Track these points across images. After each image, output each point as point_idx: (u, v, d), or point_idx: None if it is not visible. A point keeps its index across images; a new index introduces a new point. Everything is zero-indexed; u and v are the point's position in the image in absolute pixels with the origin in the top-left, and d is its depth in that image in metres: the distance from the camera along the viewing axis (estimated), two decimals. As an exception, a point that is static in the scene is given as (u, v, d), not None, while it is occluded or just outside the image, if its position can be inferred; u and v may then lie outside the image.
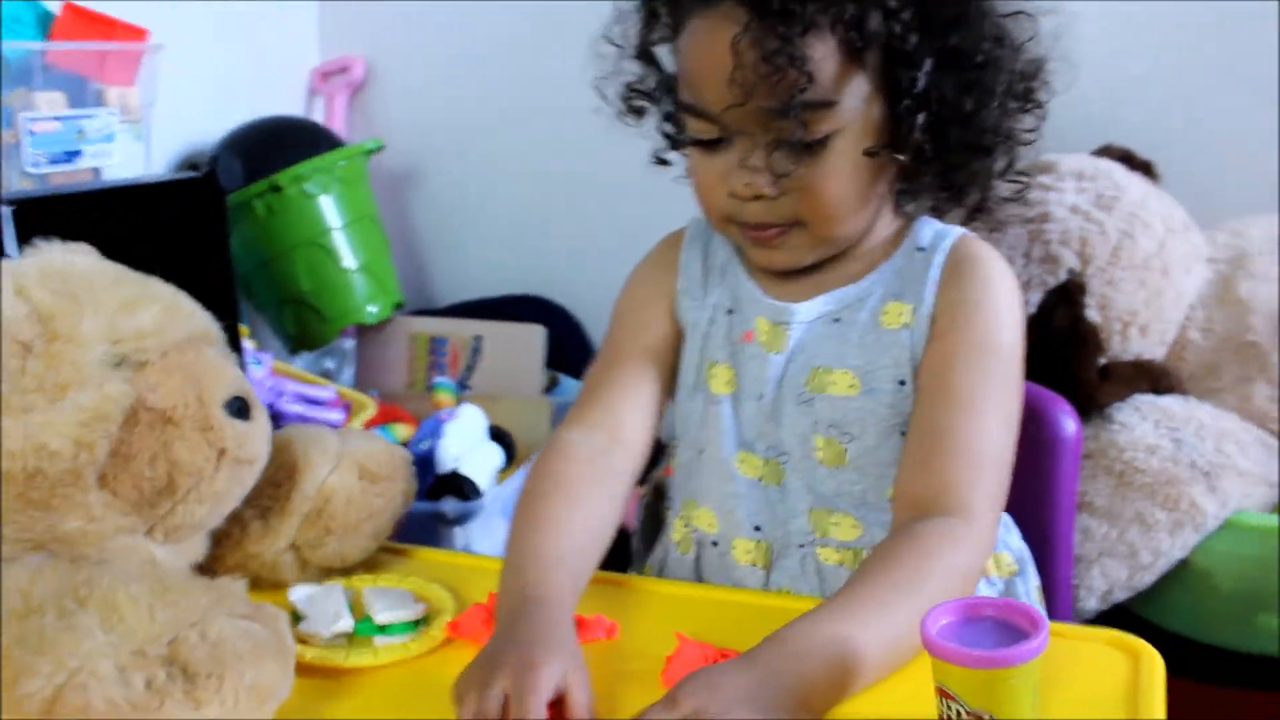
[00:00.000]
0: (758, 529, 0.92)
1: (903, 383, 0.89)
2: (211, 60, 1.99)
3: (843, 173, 0.86)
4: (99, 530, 0.79)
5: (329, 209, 1.99)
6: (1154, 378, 1.46)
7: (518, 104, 2.25)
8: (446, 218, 2.35)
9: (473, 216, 2.32)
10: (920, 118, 0.85)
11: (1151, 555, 1.38)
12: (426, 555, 0.99)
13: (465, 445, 1.63)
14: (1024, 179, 0.93)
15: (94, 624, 0.67)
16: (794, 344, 0.92)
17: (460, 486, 1.55)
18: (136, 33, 1.44)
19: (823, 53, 0.82)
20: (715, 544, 0.94)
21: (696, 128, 0.89)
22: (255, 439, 0.84)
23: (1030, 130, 0.91)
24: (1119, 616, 1.44)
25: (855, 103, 0.85)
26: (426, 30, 2.30)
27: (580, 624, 0.82)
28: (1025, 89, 0.89)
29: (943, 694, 0.66)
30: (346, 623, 0.82)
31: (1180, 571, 1.43)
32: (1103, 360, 1.47)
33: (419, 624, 0.84)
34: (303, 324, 2.00)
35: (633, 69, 0.96)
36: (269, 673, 0.69)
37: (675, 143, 0.96)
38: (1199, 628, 1.45)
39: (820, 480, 0.91)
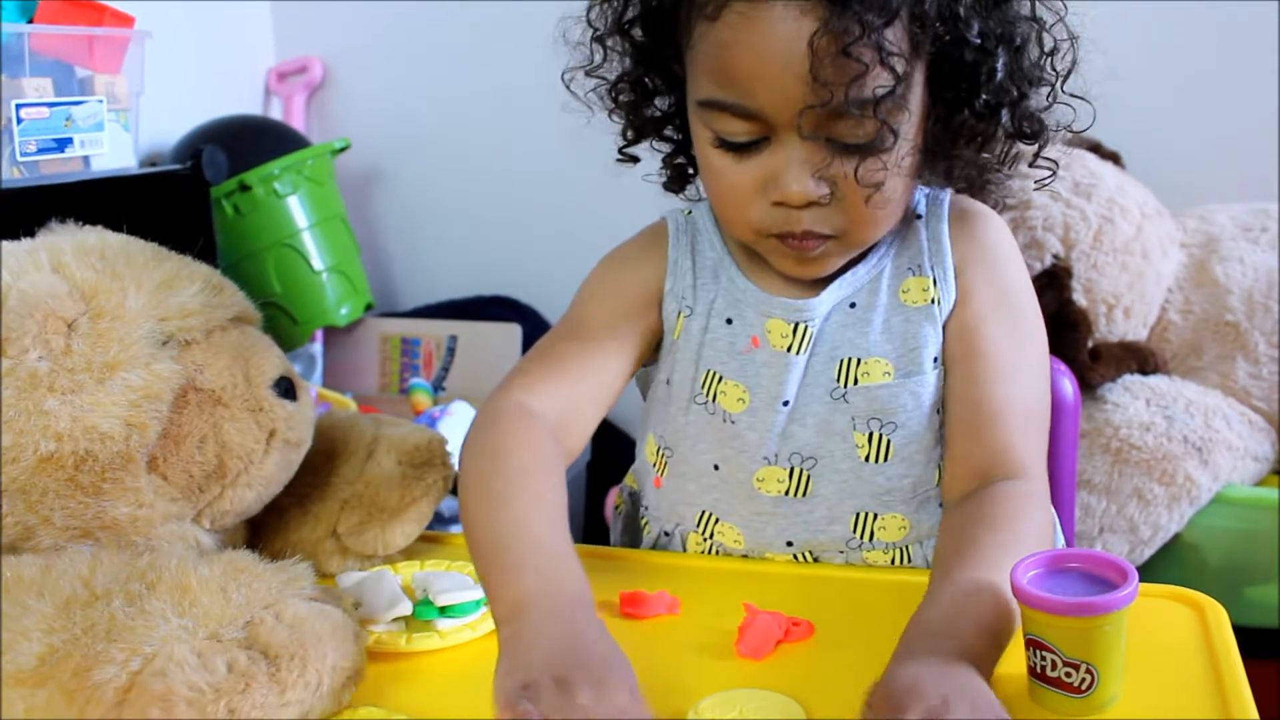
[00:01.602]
0: (790, 544, 0.88)
1: (936, 359, 0.86)
2: (167, 60, 1.94)
3: (900, 173, 0.80)
4: (148, 516, 0.76)
5: (298, 209, 1.95)
6: (1141, 358, 1.50)
7: (478, 103, 2.23)
8: (409, 219, 2.32)
9: (436, 218, 2.29)
10: (977, 106, 0.80)
11: (1150, 529, 1.41)
12: (464, 540, 0.96)
13: (459, 443, 1.60)
14: (1053, 164, 0.87)
15: (166, 608, 0.65)
16: (815, 341, 0.86)
17: (456, 485, 1.53)
18: (124, 19, 1.40)
19: (896, 42, 0.75)
20: (745, 556, 0.90)
21: (732, 129, 0.79)
22: (303, 420, 0.82)
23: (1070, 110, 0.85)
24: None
25: (916, 90, 0.78)
26: (384, 29, 2.27)
27: (642, 600, 0.81)
28: (1052, 72, 0.84)
29: (1035, 645, 0.66)
30: (405, 606, 0.80)
31: (1171, 546, 1.46)
32: (1090, 342, 1.50)
33: (479, 604, 0.82)
34: (274, 327, 1.93)
35: (613, 58, 0.86)
36: (351, 654, 0.67)
37: (676, 145, 0.90)
38: (1189, 602, 1.48)
39: (865, 480, 0.86)
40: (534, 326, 2.12)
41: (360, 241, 2.16)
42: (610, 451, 1.97)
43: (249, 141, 1.97)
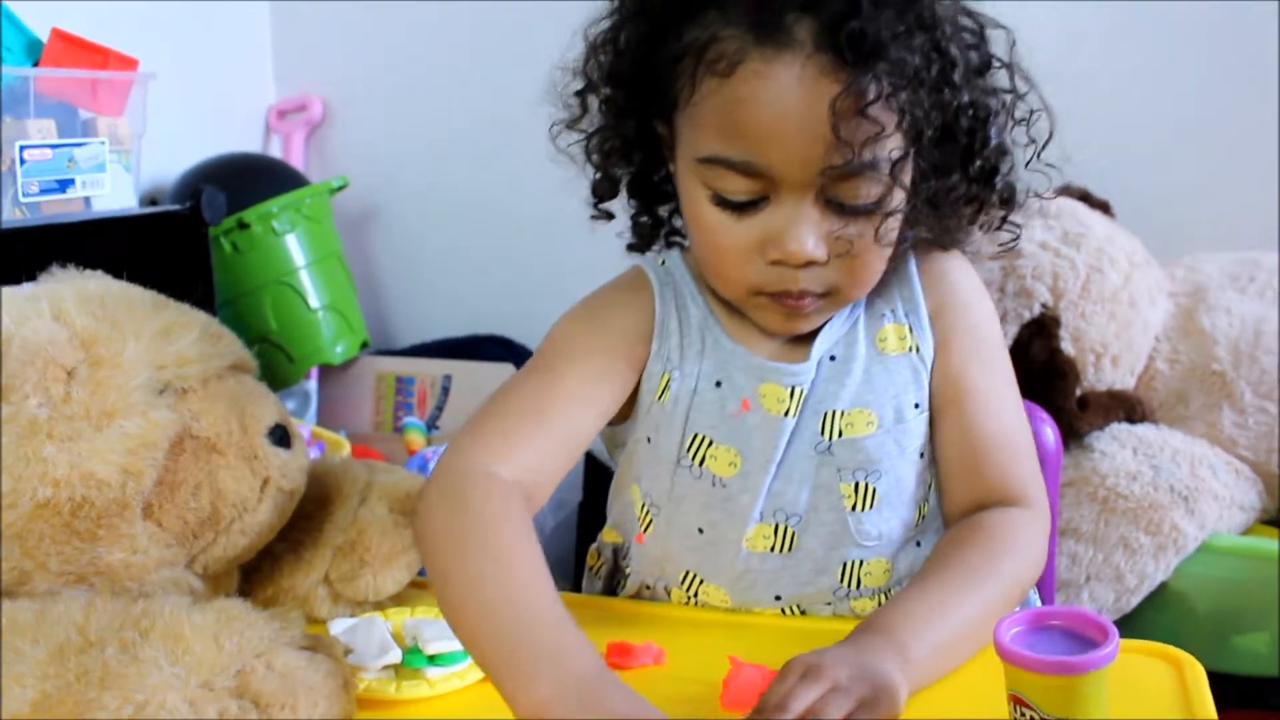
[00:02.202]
0: (778, 599, 0.89)
1: (918, 405, 0.87)
2: (168, 97, 1.97)
3: (893, 231, 0.81)
4: (143, 562, 0.77)
5: (295, 247, 1.97)
6: (1128, 407, 1.51)
7: (476, 143, 2.26)
8: (406, 258, 2.34)
9: (432, 256, 2.31)
10: (971, 171, 0.82)
11: (1137, 578, 1.42)
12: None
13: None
14: (1016, 227, 0.89)
15: (159, 655, 0.66)
16: (804, 401, 0.86)
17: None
18: (128, 62, 1.42)
19: (910, 107, 0.76)
20: (733, 611, 0.91)
21: (733, 186, 0.79)
22: (297, 468, 0.83)
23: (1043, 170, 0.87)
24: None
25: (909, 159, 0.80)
26: (384, 68, 2.30)
27: (628, 651, 0.82)
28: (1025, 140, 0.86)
29: (1017, 701, 0.67)
30: (395, 654, 0.81)
31: (1158, 594, 1.47)
32: (1078, 391, 1.52)
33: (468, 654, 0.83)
34: (269, 364, 1.97)
35: (597, 113, 0.86)
36: (341, 703, 0.68)
37: (646, 203, 0.90)
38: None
39: (851, 529, 0.87)
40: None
41: (356, 279, 2.18)
42: (602, 493, 1.98)
43: (248, 179, 1.99)
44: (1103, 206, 1.73)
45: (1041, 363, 1.49)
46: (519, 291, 2.23)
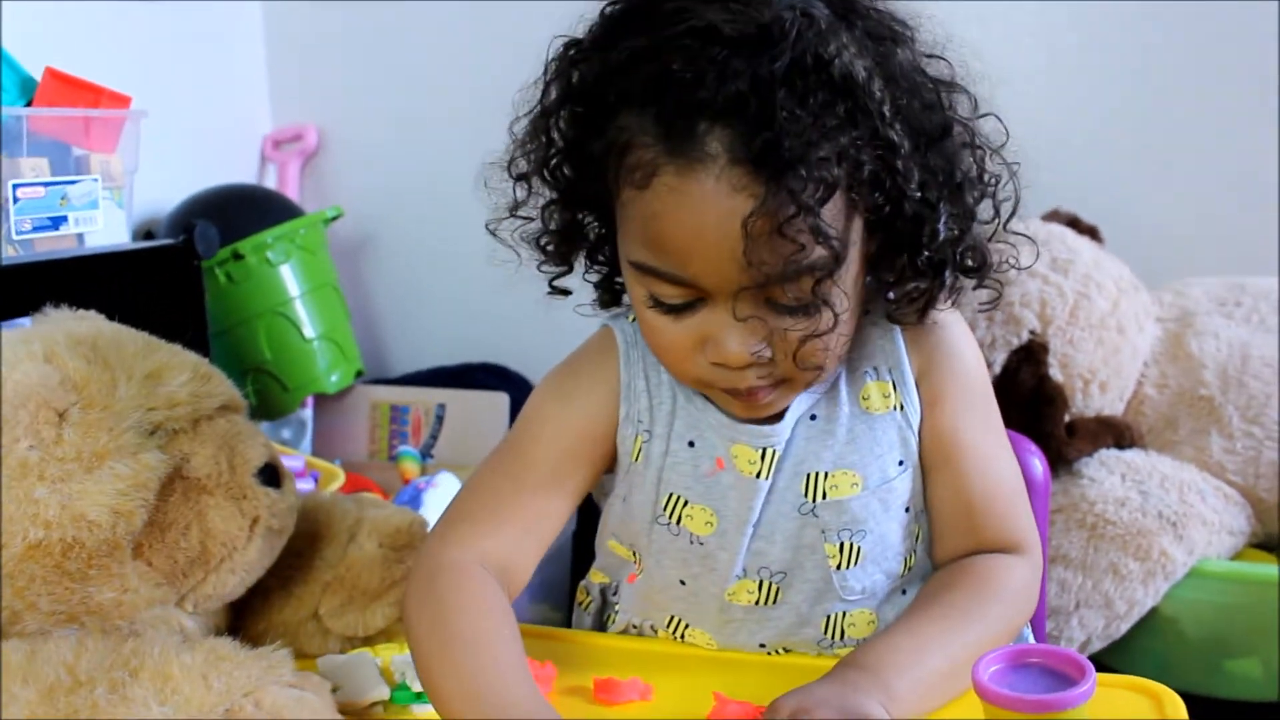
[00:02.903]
0: (762, 645, 0.89)
1: (902, 462, 0.86)
2: (162, 129, 1.98)
3: (844, 314, 0.76)
4: (133, 601, 0.78)
5: (290, 277, 1.98)
6: (1117, 433, 1.52)
7: (471, 171, 2.26)
8: (401, 286, 2.35)
9: (428, 285, 2.32)
10: (919, 261, 0.78)
11: (1126, 604, 1.42)
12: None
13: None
14: (998, 285, 0.84)
15: (149, 695, 0.67)
16: (780, 459, 0.84)
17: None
18: (120, 100, 1.43)
19: (834, 211, 0.72)
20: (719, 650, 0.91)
21: (666, 292, 0.76)
22: (286, 508, 0.84)
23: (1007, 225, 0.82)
24: (1092, 666, 1.48)
25: (854, 245, 0.76)
26: (379, 98, 2.32)
27: (614, 687, 0.82)
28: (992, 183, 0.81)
29: (997, 739, 0.68)
30: (383, 690, 0.82)
31: (1148, 620, 1.47)
32: (1067, 417, 1.53)
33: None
34: (264, 393, 1.98)
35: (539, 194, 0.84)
36: (327, 741, 0.69)
37: (606, 271, 0.87)
38: (1167, 675, 1.48)
39: (835, 585, 0.86)
40: (522, 395, 2.13)
41: (351, 308, 2.19)
42: (594, 522, 1.99)
43: (243, 210, 2.01)
44: (1090, 232, 1.75)
45: (1030, 389, 1.50)
46: (513, 320, 2.24)
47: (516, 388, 2.12)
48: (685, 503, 0.86)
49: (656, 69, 0.71)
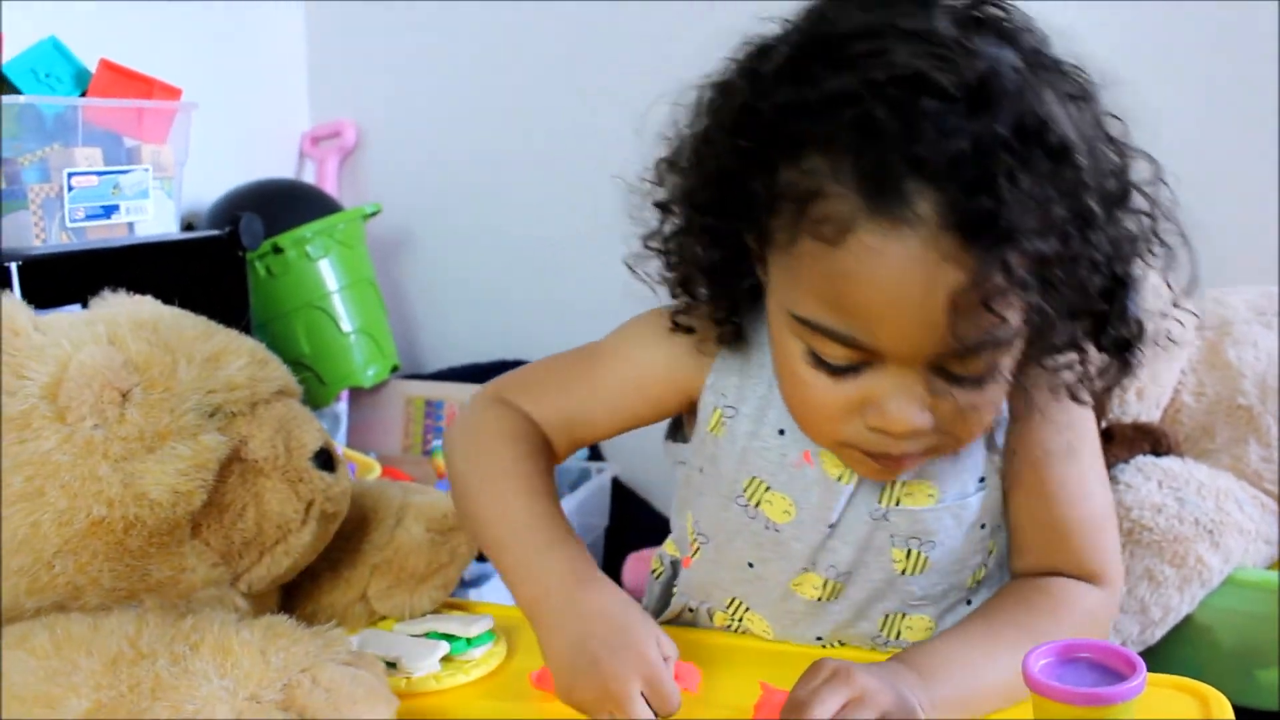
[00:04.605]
0: (819, 639, 0.89)
1: (983, 479, 0.84)
2: (203, 124, 2.01)
3: (1003, 388, 0.74)
4: (190, 580, 0.79)
5: (329, 272, 2.00)
6: (1154, 439, 1.52)
7: (507, 169, 2.29)
8: (437, 282, 2.37)
9: (463, 281, 2.34)
10: (1102, 339, 0.75)
11: (1161, 611, 1.42)
12: (479, 608, 0.99)
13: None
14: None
15: (209, 669, 0.68)
16: None
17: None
18: (172, 91, 1.46)
19: (1039, 289, 0.68)
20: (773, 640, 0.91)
21: (833, 353, 0.72)
22: (340, 492, 0.86)
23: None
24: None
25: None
26: (418, 95, 2.34)
27: None
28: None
29: (1045, 732, 0.68)
30: (442, 647, 0.84)
31: (1182, 627, 1.47)
32: (1104, 424, 1.53)
33: (493, 634, 0.88)
34: (301, 387, 1.99)
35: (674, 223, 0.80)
36: (384, 717, 0.70)
37: (732, 305, 0.81)
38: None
39: (898, 589, 0.86)
40: (555, 391, 2.15)
41: (387, 304, 2.21)
42: (628, 517, 2.00)
43: (282, 205, 2.03)
44: (1129, 240, 1.74)
45: (1067, 395, 1.50)
46: (547, 318, 2.26)
47: (549, 385, 2.13)
48: (767, 488, 0.85)
49: (860, 115, 0.66)
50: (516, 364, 2.26)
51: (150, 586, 0.78)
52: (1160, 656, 1.48)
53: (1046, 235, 0.66)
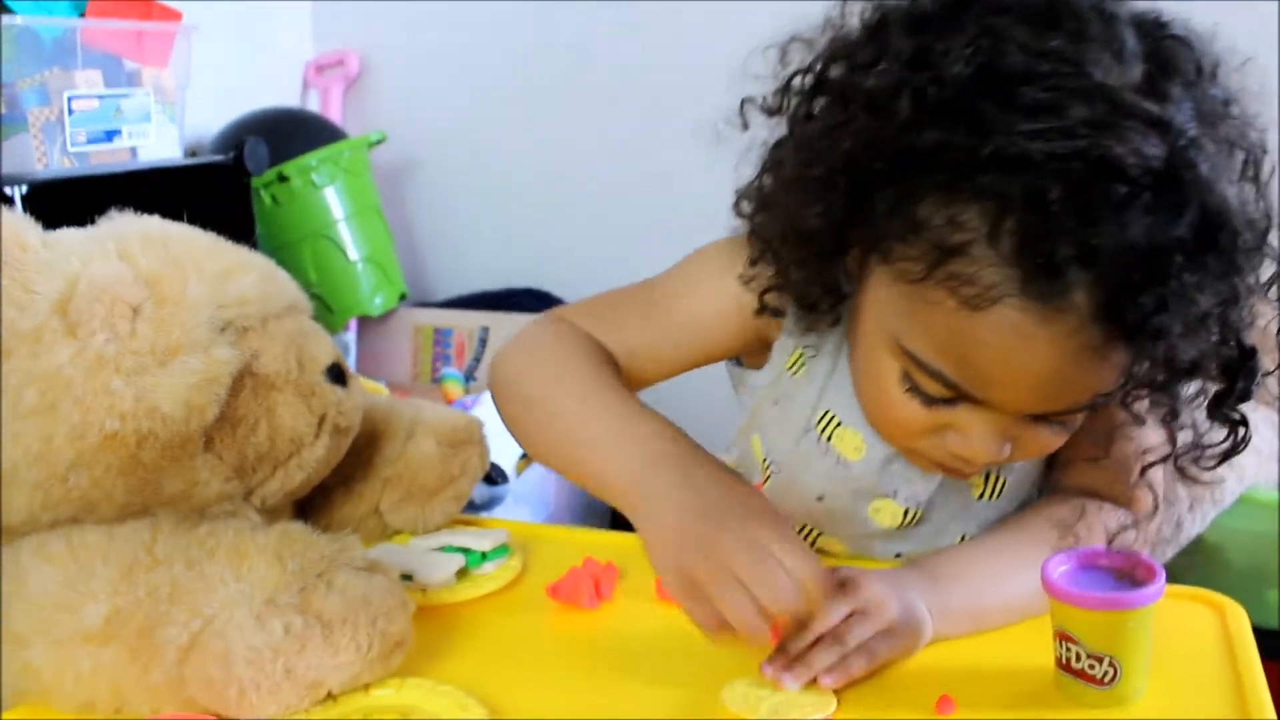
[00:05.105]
0: (898, 555, 0.88)
1: None
2: (206, 53, 1.98)
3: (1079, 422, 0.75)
4: (203, 494, 0.79)
5: (334, 200, 1.99)
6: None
7: (513, 96, 2.26)
8: (443, 211, 2.36)
9: (470, 210, 2.33)
10: (1217, 414, 0.75)
11: (1173, 529, 1.42)
12: (490, 524, 0.99)
13: (489, 432, 1.63)
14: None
15: (225, 573, 0.68)
16: None
17: (488, 473, 1.56)
18: (171, 14, 1.43)
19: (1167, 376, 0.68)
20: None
21: (932, 389, 0.71)
22: (353, 406, 0.85)
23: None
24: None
25: None
26: (422, 23, 2.31)
27: None
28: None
29: (1063, 638, 0.69)
30: (458, 560, 0.84)
31: (1192, 548, 1.47)
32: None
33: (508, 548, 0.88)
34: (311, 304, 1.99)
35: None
36: (399, 622, 0.70)
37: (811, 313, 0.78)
38: (1209, 603, 1.50)
39: (975, 512, 0.85)
40: (564, 319, 2.15)
41: (394, 233, 2.20)
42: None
43: (287, 133, 2.01)
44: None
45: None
46: (556, 245, 2.24)
47: (558, 313, 2.13)
48: (839, 423, 0.83)
49: (1034, 188, 0.61)
50: (527, 293, 2.28)
51: (164, 501, 0.78)
52: (1171, 577, 1.47)
53: (1196, 332, 0.64)
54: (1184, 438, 0.74)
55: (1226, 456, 0.76)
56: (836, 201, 0.70)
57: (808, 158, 0.71)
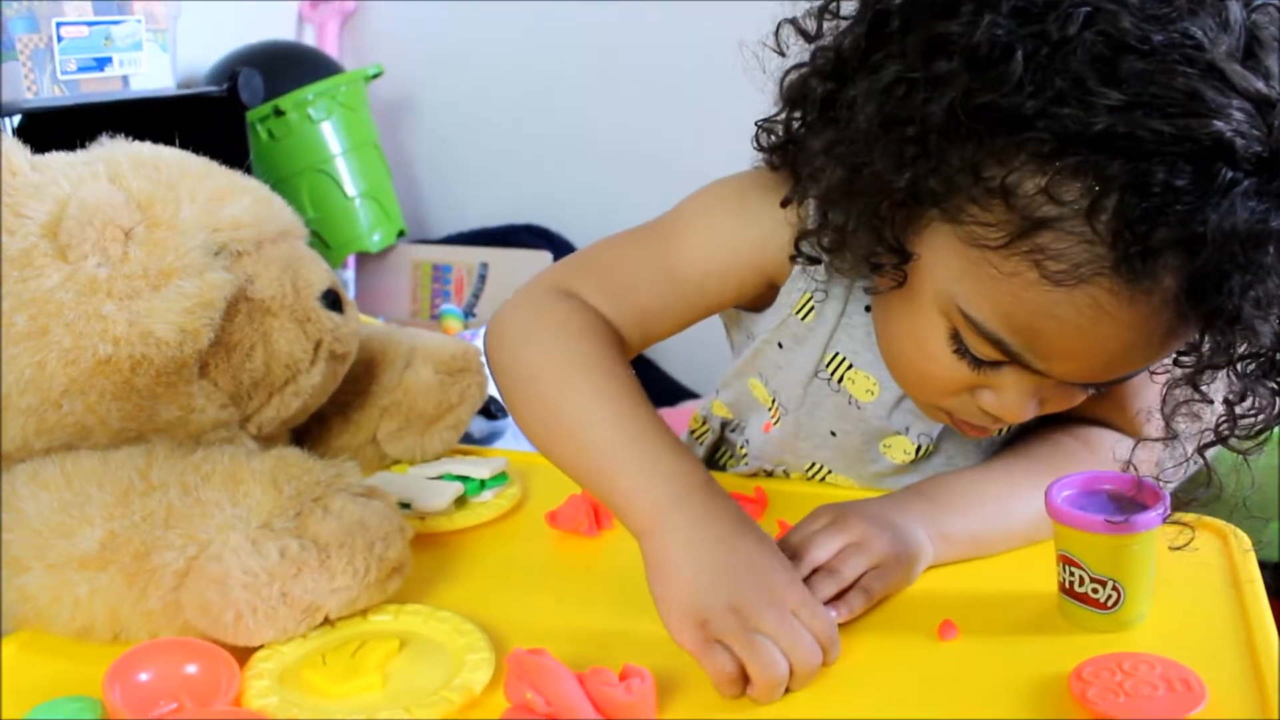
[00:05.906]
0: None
1: None
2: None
3: None
4: (199, 421, 0.78)
5: (331, 135, 1.96)
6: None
7: (511, 31, 2.23)
8: (442, 147, 2.33)
9: (469, 146, 2.30)
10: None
11: (1175, 461, 1.41)
12: (489, 453, 0.99)
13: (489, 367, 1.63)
14: None
15: (221, 498, 0.68)
16: None
17: (487, 407, 1.55)
18: (162, -60, 1.41)
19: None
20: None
21: (982, 351, 0.68)
22: (349, 333, 0.84)
23: None
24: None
25: None
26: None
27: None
28: None
29: (1066, 561, 0.68)
30: (456, 488, 0.84)
31: (1197, 480, 1.46)
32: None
33: (507, 476, 0.88)
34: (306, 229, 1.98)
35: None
36: (396, 547, 0.70)
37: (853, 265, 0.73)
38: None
39: (986, 446, 0.84)
40: (565, 254, 2.13)
41: (393, 169, 2.18)
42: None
43: (283, 67, 1.98)
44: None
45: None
46: (555, 181, 2.22)
47: (559, 248, 2.11)
48: (850, 365, 0.81)
49: (1139, 168, 0.59)
50: (526, 229, 2.26)
51: (159, 427, 0.77)
52: (1174, 507, 1.47)
53: (1267, 314, 0.62)
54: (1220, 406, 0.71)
55: (1269, 425, 0.73)
56: (923, 160, 0.65)
57: (893, 111, 0.65)
